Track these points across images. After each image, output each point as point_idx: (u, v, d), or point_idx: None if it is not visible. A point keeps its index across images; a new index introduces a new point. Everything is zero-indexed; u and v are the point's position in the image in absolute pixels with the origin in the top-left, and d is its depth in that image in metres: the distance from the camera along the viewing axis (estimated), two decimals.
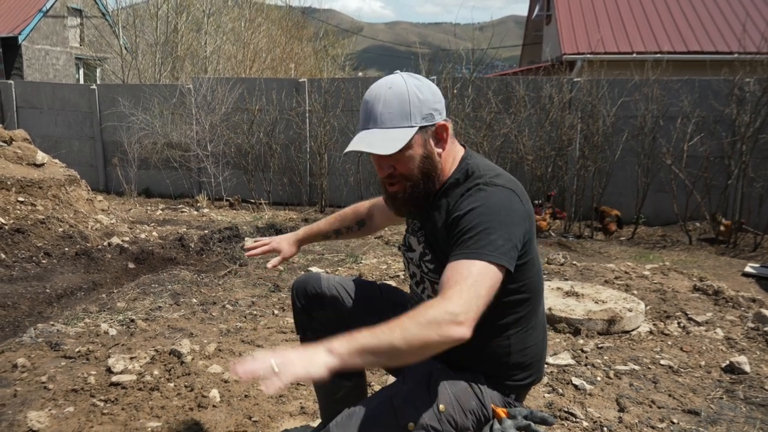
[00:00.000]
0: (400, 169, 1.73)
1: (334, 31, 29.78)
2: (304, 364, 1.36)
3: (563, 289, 4.37)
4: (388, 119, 1.68)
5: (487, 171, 1.75)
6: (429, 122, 1.72)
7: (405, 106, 1.69)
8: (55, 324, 3.96)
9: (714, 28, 13.91)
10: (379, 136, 1.68)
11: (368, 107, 1.71)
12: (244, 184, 10.63)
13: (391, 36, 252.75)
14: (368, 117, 1.71)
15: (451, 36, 12.91)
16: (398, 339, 1.39)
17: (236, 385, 2.99)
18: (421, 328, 1.40)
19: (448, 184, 1.78)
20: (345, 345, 1.39)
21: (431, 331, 1.41)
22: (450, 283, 1.50)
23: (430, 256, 1.83)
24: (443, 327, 1.41)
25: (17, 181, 6.63)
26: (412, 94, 1.70)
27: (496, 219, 1.60)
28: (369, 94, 1.73)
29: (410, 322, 1.42)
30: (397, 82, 1.71)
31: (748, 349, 3.60)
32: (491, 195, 1.65)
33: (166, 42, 18.49)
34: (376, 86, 1.73)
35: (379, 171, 1.76)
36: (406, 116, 1.69)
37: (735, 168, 8.14)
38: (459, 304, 1.44)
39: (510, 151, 8.97)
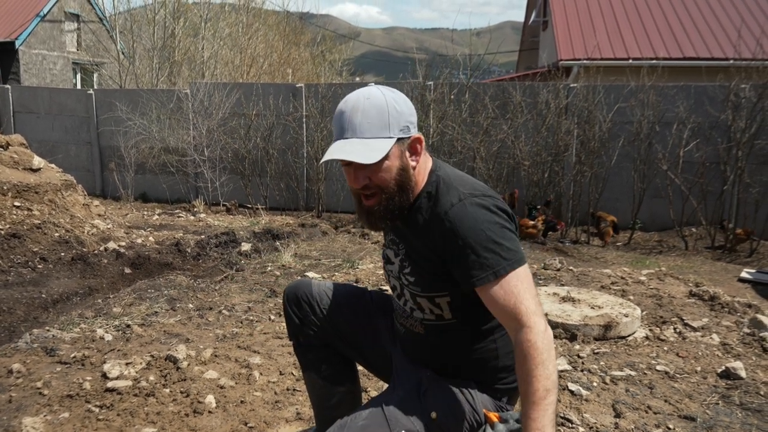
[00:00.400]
0: (376, 180, 1.71)
1: (332, 37, 29.82)
2: None
3: (559, 294, 4.37)
4: (367, 129, 1.67)
5: (460, 183, 1.75)
6: (405, 134, 1.71)
7: (384, 116, 1.68)
8: (50, 329, 3.95)
9: (710, 34, 13.96)
10: (358, 146, 1.66)
11: (346, 117, 1.69)
12: (241, 189, 10.63)
13: (389, 41, 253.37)
14: (346, 126, 1.69)
15: (448, 41, 12.94)
16: (552, 384, 1.53)
17: (232, 391, 2.98)
18: (548, 361, 1.54)
19: (421, 197, 1.78)
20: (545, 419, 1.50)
21: (551, 352, 1.55)
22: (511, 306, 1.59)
23: (409, 269, 1.83)
24: (548, 342, 1.56)
25: (13, 186, 6.62)
26: (391, 106, 1.70)
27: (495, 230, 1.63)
28: (345, 104, 1.72)
29: (542, 369, 1.53)
30: (374, 93, 1.71)
31: (744, 355, 3.60)
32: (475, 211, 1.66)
33: (164, 47, 18.50)
34: (352, 97, 1.72)
35: (353, 182, 1.74)
36: (385, 127, 1.68)
37: (731, 174, 8.17)
38: (538, 317, 1.57)
39: (507, 156, 8.99)
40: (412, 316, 1.88)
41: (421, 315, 1.85)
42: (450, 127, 8.98)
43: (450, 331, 1.82)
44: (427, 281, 1.78)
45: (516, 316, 1.57)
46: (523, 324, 1.56)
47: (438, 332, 1.84)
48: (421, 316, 1.85)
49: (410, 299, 1.86)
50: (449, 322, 1.81)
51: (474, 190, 1.72)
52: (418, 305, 1.84)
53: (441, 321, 1.82)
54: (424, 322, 1.85)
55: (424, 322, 1.85)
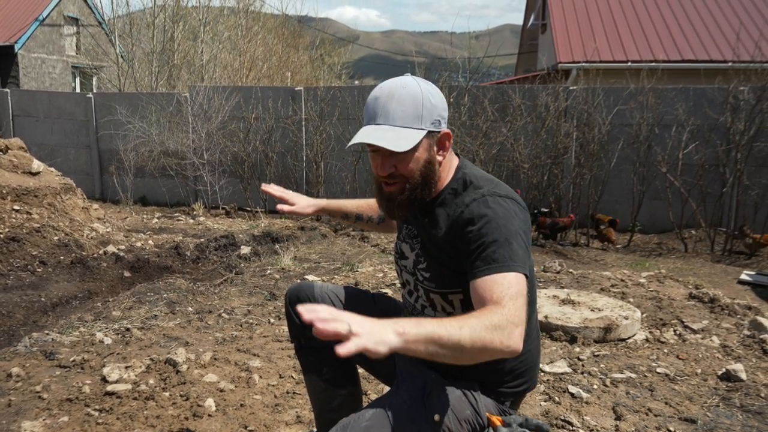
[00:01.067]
0: (402, 170, 1.71)
1: (331, 40, 29.84)
2: (374, 338, 1.27)
3: (559, 297, 4.36)
4: (400, 118, 1.67)
5: (486, 182, 1.76)
6: (436, 128, 1.73)
7: (418, 108, 1.69)
8: (50, 333, 3.95)
9: (708, 37, 13.99)
10: (390, 133, 1.66)
11: (380, 103, 1.69)
12: (240, 192, 10.62)
13: (387, 45, 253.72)
14: (379, 112, 1.69)
15: (447, 45, 12.96)
16: (465, 337, 1.36)
17: (232, 394, 2.98)
18: (488, 331, 1.39)
19: (446, 193, 1.79)
20: (414, 330, 1.33)
21: (495, 336, 1.39)
22: (495, 292, 1.49)
23: (425, 264, 1.83)
24: (506, 334, 1.41)
25: (12, 190, 6.62)
26: (426, 98, 1.70)
27: (511, 229, 1.61)
28: (381, 90, 1.71)
29: (477, 323, 1.39)
30: (410, 83, 1.71)
31: (744, 357, 3.60)
32: (499, 206, 1.66)
33: (163, 50, 18.50)
34: (388, 84, 1.72)
35: (379, 169, 1.74)
36: (418, 118, 1.69)
37: (730, 176, 8.17)
38: (517, 316, 1.44)
39: (506, 159, 8.99)
40: (423, 313, 1.88)
41: (433, 313, 1.85)
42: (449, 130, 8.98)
43: None
44: (442, 277, 1.78)
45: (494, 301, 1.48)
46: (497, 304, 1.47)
47: None
48: (432, 314, 1.85)
49: (423, 296, 1.86)
50: None
51: (498, 189, 1.72)
52: (430, 302, 1.84)
53: None
54: None
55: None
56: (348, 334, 1.24)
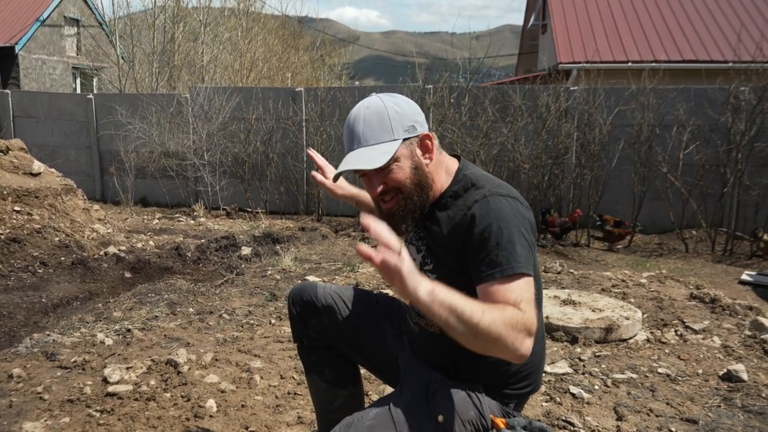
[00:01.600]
0: (391, 183, 1.74)
1: (331, 41, 29.84)
2: (411, 274, 1.38)
3: (560, 297, 4.36)
4: (371, 136, 1.72)
5: (487, 182, 1.76)
6: (412, 134, 1.74)
7: (384, 121, 1.72)
8: (51, 334, 3.95)
9: (709, 38, 13.99)
10: (366, 153, 1.71)
11: (350, 129, 1.76)
12: (240, 193, 10.62)
13: (388, 45, 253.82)
14: (351, 138, 1.75)
15: (448, 45, 12.95)
16: (485, 322, 1.42)
17: (233, 395, 2.98)
18: (506, 326, 1.44)
19: (447, 196, 1.79)
20: (442, 294, 1.42)
21: (510, 334, 1.44)
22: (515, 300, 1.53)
23: (431, 266, 1.83)
24: (520, 338, 1.46)
25: (13, 191, 6.62)
26: (390, 109, 1.74)
27: (514, 230, 1.63)
28: (349, 117, 1.77)
29: (499, 315, 1.44)
30: (373, 101, 1.76)
31: (746, 357, 3.60)
32: (501, 206, 1.66)
33: (163, 51, 18.51)
34: (354, 109, 1.78)
35: (371, 190, 1.78)
36: (388, 130, 1.72)
37: (730, 176, 8.17)
38: (532, 325, 1.49)
39: (506, 159, 8.98)
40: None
41: None
42: (450, 131, 8.98)
43: None
44: (449, 279, 1.77)
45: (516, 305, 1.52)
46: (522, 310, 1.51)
47: None
48: None
49: None
50: None
51: (500, 189, 1.73)
52: None
53: None
54: None
55: None
56: (397, 252, 1.36)
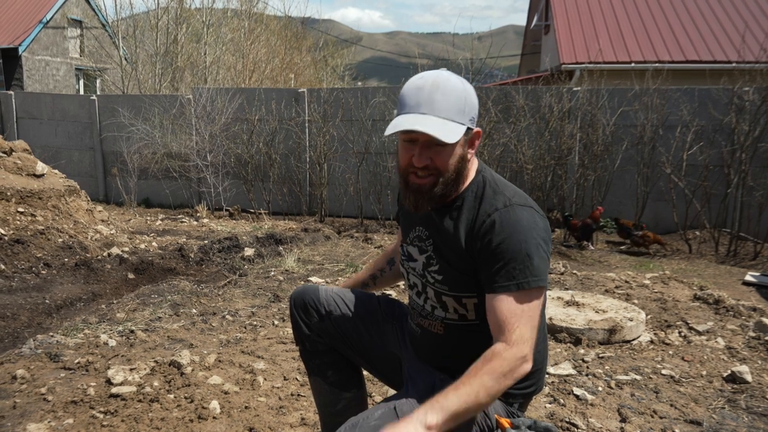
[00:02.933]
0: (438, 162, 1.70)
1: (334, 42, 29.87)
2: None
3: (564, 298, 4.36)
4: (446, 110, 1.66)
5: (505, 188, 1.76)
6: (472, 125, 1.73)
7: (461, 102, 1.68)
8: (54, 335, 3.95)
9: (712, 38, 13.96)
10: (437, 123, 1.64)
11: (425, 93, 1.66)
12: (243, 194, 10.63)
13: (391, 46, 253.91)
14: (423, 102, 1.66)
15: (450, 46, 12.96)
16: (482, 397, 1.51)
17: (236, 396, 2.98)
18: (500, 380, 1.54)
19: (466, 196, 1.78)
20: (439, 416, 1.46)
21: (509, 380, 1.55)
22: (509, 322, 1.60)
23: (437, 267, 1.82)
24: (516, 372, 1.57)
25: (17, 192, 6.63)
26: (468, 93, 1.70)
27: (532, 242, 1.64)
28: (424, 80, 1.69)
29: (489, 379, 1.53)
30: (453, 77, 1.71)
31: (750, 359, 3.59)
32: (522, 217, 1.67)
33: (166, 53, 18.54)
34: (431, 75, 1.70)
35: (415, 160, 1.70)
36: (461, 112, 1.68)
37: (734, 177, 8.15)
38: (525, 346, 1.58)
39: (509, 160, 8.98)
40: (433, 314, 1.87)
41: (443, 314, 1.85)
42: None
43: (471, 332, 1.82)
44: (456, 280, 1.78)
45: (505, 333, 1.60)
46: (506, 341, 1.59)
47: (458, 332, 1.84)
48: (443, 314, 1.85)
49: (433, 298, 1.85)
50: (472, 322, 1.82)
51: (519, 198, 1.73)
52: (442, 304, 1.83)
53: (463, 321, 1.82)
54: (446, 321, 1.85)
55: (445, 321, 1.85)
56: None
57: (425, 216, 1.86)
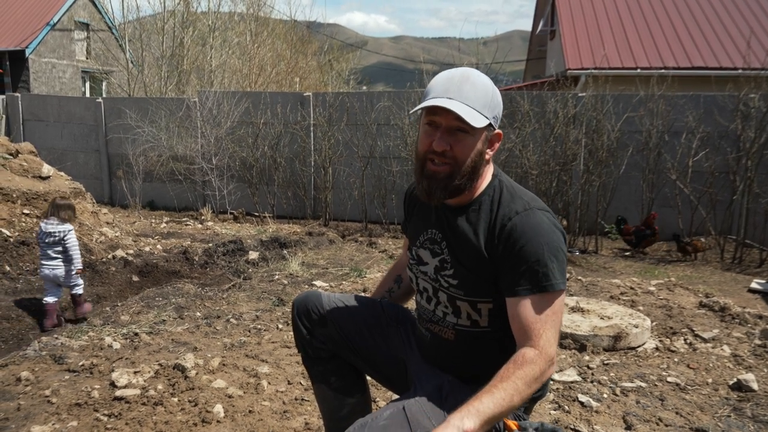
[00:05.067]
0: (457, 150, 1.72)
1: (339, 46, 29.91)
2: None
3: (569, 304, 4.35)
4: (473, 99, 1.69)
5: (522, 193, 1.79)
6: (495, 124, 1.76)
7: (488, 96, 1.72)
8: (59, 337, 3.96)
9: (718, 44, 13.94)
10: (465, 107, 1.67)
11: (454, 82, 1.71)
12: (248, 198, 10.64)
13: (396, 51, 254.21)
14: (452, 89, 1.70)
15: (456, 51, 12.95)
16: (516, 401, 1.56)
17: (240, 400, 2.97)
18: (532, 384, 1.59)
19: (483, 198, 1.79)
20: (476, 420, 1.49)
21: (538, 384, 1.60)
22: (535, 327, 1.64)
23: (451, 270, 1.81)
24: (545, 376, 1.62)
25: (23, 194, 6.65)
26: (495, 92, 1.75)
27: (553, 246, 1.67)
28: (454, 72, 1.75)
29: (522, 384, 1.57)
30: (484, 76, 1.76)
31: (756, 367, 3.57)
32: (541, 222, 1.70)
33: (172, 56, 18.59)
34: (462, 69, 1.76)
35: (436, 144, 1.71)
36: (487, 106, 1.72)
37: (740, 183, 8.13)
38: (553, 350, 1.63)
39: (514, 165, 8.97)
40: (444, 320, 1.87)
41: (455, 320, 1.84)
42: None
43: (481, 339, 1.82)
44: (472, 285, 1.78)
45: (532, 338, 1.63)
46: (534, 346, 1.62)
47: (469, 339, 1.84)
48: (454, 320, 1.85)
49: (445, 302, 1.85)
50: (483, 329, 1.82)
51: (538, 203, 1.76)
52: (455, 309, 1.83)
53: (475, 328, 1.82)
54: (457, 328, 1.85)
55: (456, 327, 1.85)
56: None
57: (439, 218, 1.87)
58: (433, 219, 1.89)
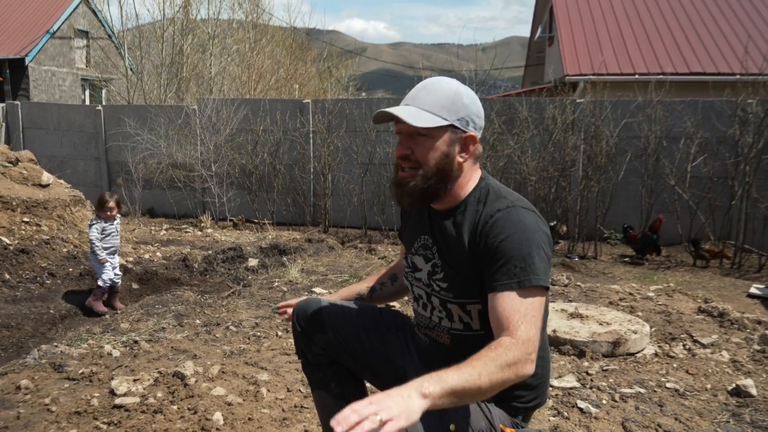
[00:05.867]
0: (418, 154, 1.76)
1: (338, 53, 29.98)
2: (404, 412, 1.32)
3: (567, 310, 4.35)
4: (425, 103, 1.74)
5: (507, 193, 1.80)
6: (462, 126, 1.76)
7: (446, 99, 1.75)
8: (58, 345, 3.96)
9: (716, 50, 13.98)
10: (412, 111, 1.73)
11: (414, 91, 1.79)
12: (247, 204, 10.65)
13: (396, 57, 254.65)
14: (410, 97, 1.78)
15: (455, 57, 12.98)
16: (484, 382, 1.45)
17: (240, 408, 2.97)
18: (503, 370, 1.49)
19: (468, 201, 1.81)
20: (437, 387, 1.40)
21: (511, 373, 1.50)
22: (512, 319, 1.58)
23: (441, 274, 1.83)
24: (520, 367, 1.52)
25: (22, 202, 6.66)
26: (459, 94, 1.77)
27: (534, 242, 1.66)
28: (422, 83, 1.82)
29: (493, 365, 1.48)
30: (453, 82, 1.80)
31: (755, 372, 3.57)
32: (524, 218, 1.70)
33: (172, 63, 18.63)
34: (431, 79, 1.82)
35: (398, 148, 1.80)
36: (444, 108, 1.74)
37: (738, 189, 8.14)
38: (530, 345, 1.55)
39: (513, 171, 8.98)
40: (440, 325, 1.89)
41: (449, 324, 1.86)
42: None
43: (477, 343, 1.82)
44: (460, 286, 1.79)
45: (510, 329, 1.57)
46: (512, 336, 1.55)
47: (465, 343, 1.84)
48: (448, 325, 1.86)
49: (439, 307, 1.86)
50: (477, 333, 1.82)
51: (522, 202, 1.77)
52: (447, 313, 1.85)
53: (469, 331, 1.83)
54: (452, 332, 1.86)
55: (451, 331, 1.86)
56: (381, 424, 1.28)
57: (430, 224, 1.89)
58: (425, 226, 1.92)
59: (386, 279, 2.31)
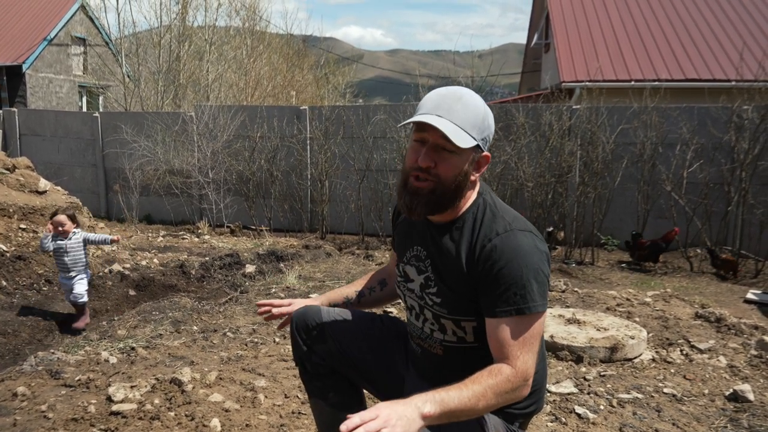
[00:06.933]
0: (441, 168, 1.72)
1: (335, 59, 30.04)
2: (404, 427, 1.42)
3: (565, 316, 4.35)
4: (461, 120, 1.70)
5: (504, 212, 1.78)
6: (483, 146, 1.76)
7: (478, 118, 1.73)
8: (55, 352, 3.95)
9: (711, 56, 14.04)
10: (451, 126, 1.68)
11: (446, 100, 1.72)
12: (245, 211, 10.65)
13: (392, 64, 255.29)
14: (443, 107, 1.71)
15: (451, 64, 13.03)
16: (481, 406, 1.57)
17: (237, 414, 2.97)
18: (500, 397, 1.60)
19: (466, 217, 1.79)
20: (437, 409, 1.48)
21: (508, 398, 1.63)
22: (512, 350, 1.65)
23: (435, 289, 1.82)
24: (517, 393, 1.64)
25: (19, 208, 6.65)
26: (486, 113, 1.76)
27: (532, 268, 1.66)
28: (447, 90, 1.75)
29: (491, 393, 1.58)
30: (476, 95, 1.76)
31: (752, 377, 3.58)
32: (520, 243, 1.69)
33: (169, 70, 18.65)
34: (456, 88, 1.77)
35: (421, 160, 1.72)
36: (476, 128, 1.72)
37: (735, 194, 8.17)
38: (529, 373, 1.65)
39: (510, 177, 9.00)
40: (432, 337, 1.88)
41: (442, 336, 1.85)
42: None
43: (470, 353, 1.82)
44: (455, 303, 1.78)
45: (510, 359, 1.64)
46: (511, 365, 1.63)
47: (458, 354, 1.85)
48: (441, 337, 1.86)
49: (432, 320, 1.85)
50: (471, 345, 1.82)
51: (519, 223, 1.75)
52: (440, 326, 1.84)
53: (462, 344, 1.83)
54: (444, 344, 1.86)
55: (444, 343, 1.86)
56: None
57: (424, 236, 1.87)
58: (418, 236, 1.90)
59: (375, 283, 2.28)
